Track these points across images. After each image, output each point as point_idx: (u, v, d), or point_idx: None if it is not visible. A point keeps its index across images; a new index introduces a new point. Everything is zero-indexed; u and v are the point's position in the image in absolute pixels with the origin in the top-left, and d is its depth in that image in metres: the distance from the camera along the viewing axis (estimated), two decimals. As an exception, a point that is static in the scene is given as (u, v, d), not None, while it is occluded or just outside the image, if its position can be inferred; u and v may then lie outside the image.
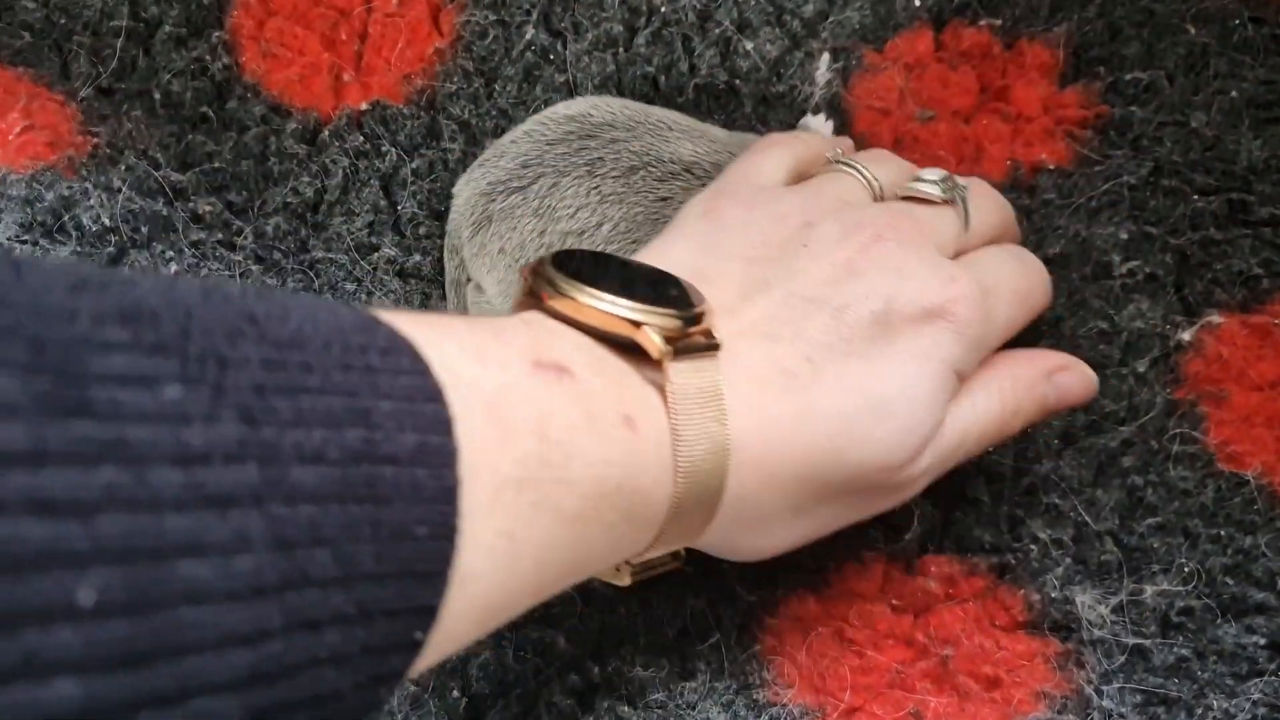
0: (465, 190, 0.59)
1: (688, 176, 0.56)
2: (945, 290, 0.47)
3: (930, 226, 0.50)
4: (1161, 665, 0.53)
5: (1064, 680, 0.52)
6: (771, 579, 0.55)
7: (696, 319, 0.41)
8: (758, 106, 0.69)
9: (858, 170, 0.53)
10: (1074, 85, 0.68)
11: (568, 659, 0.55)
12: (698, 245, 0.47)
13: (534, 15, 0.71)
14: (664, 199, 0.55)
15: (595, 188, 0.55)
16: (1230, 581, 0.55)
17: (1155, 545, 0.56)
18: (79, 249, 0.58)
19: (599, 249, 0.55)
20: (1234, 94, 0.67)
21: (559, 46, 0.70)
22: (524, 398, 0.35)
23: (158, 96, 0.66)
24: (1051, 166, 0.66)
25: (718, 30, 0.70)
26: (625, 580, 0.46)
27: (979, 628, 0.54)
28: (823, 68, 0.70)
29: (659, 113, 0.60)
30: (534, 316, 0.40)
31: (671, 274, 0.44)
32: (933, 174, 0.53)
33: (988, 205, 0.56)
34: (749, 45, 0.70)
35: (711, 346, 0.41)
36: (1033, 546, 0.56)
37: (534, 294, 0.41)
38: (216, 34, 0.69)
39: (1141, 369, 0.60)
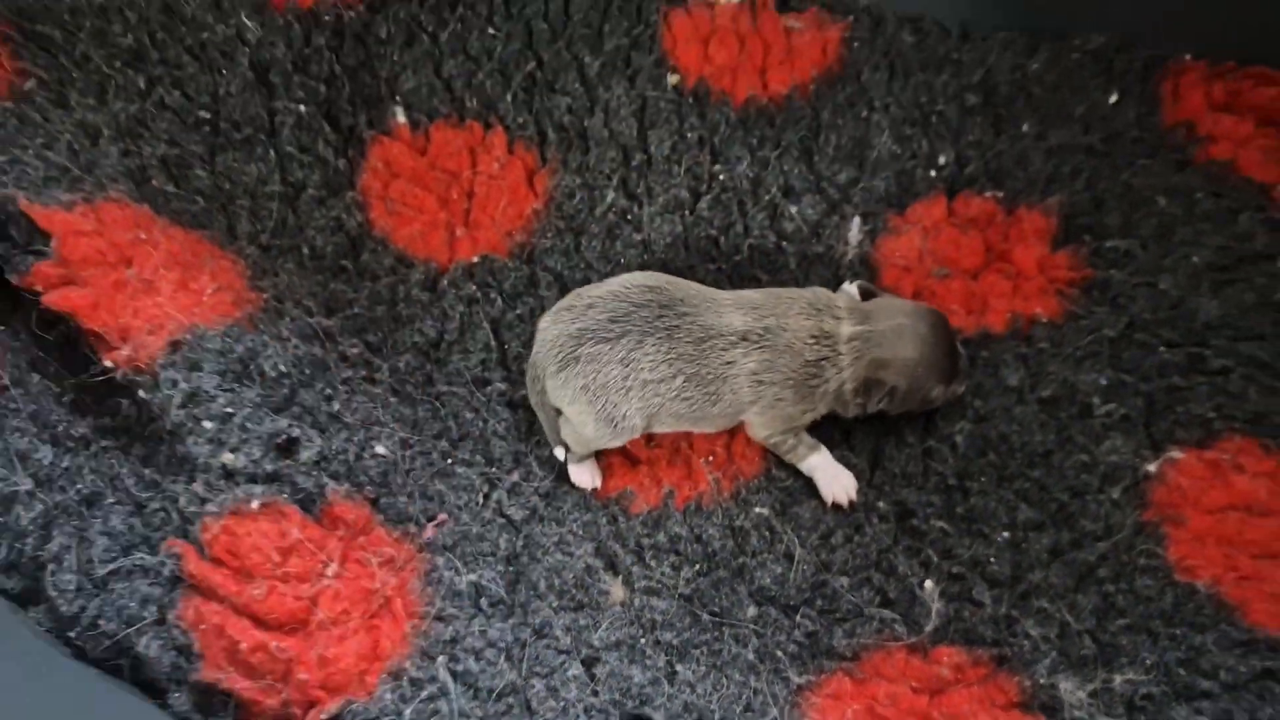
0: (553, 328, 0.72)
1: (745, 344, 0.70)
2: None
3: None
4: (1128, 742, 0.66)
5: (1050, 753, 0.66)
6: (817, 665, 0.69)
7: None
8: (801, 263, 0.82)
9: None
10: (1065, 248, 0.82)
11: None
12: None
13: (614, 180, 0.85)
14: (729, 363, 0.69)
15: (673, 349, 0.69)
16: (1183, 672, 0.68)
17: (1124, 642, 0.69)
18: (262, 391, 0.71)
19: (670, 398, 0.69)
20: (1195, 259, 0.81)
21: (635, 208, 0.84)
22: None
23: (305, 251, 0.80)
24: (1045, 320, 0.80)
25: (767, 196, 0.85)
26: None
27: (982, 707, 0.68)
28: (855, 229, 0.84)
29: (710, 291, 0.73)
30: None
31: None
32: None
33: None
34: (793, 209, 0.84)
35: None
36: (1025, 641, 0.69)
37: None
38: (350, 194, 0.83)
39: (1115, 495, 0.73)
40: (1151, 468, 0.74)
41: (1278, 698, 0.67)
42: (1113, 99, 0.87)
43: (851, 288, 0.76)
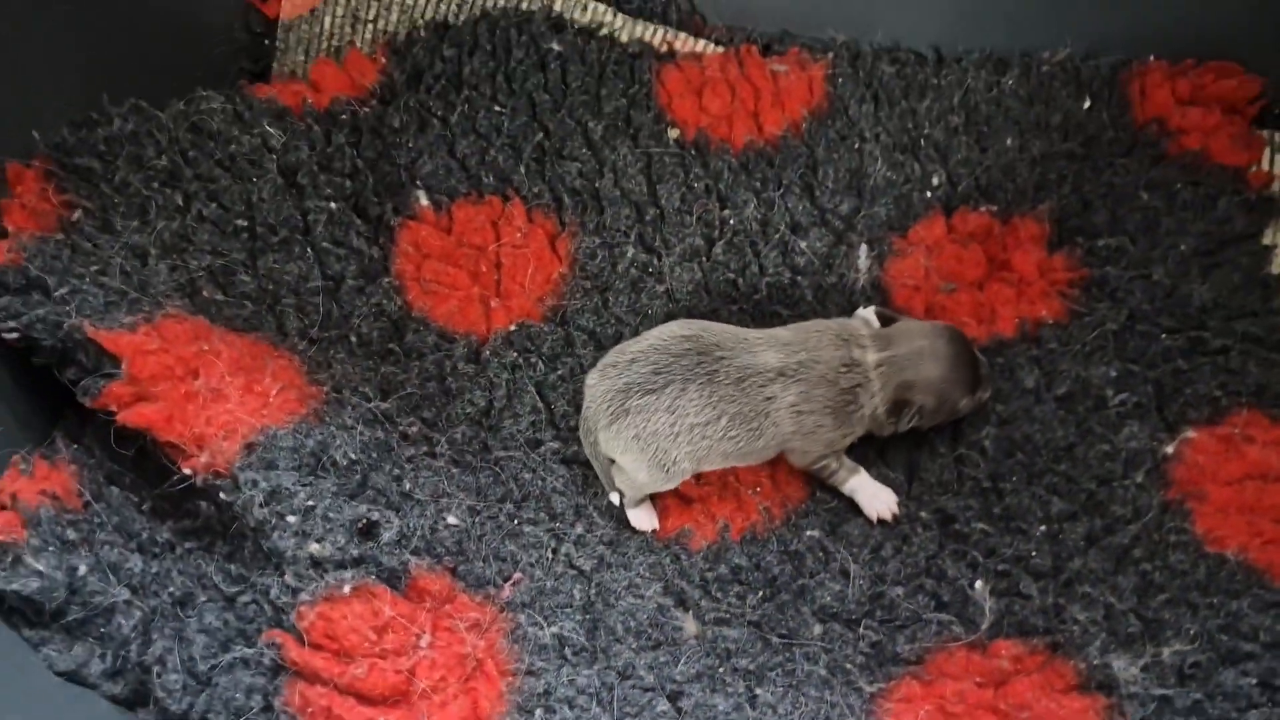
0: (601, 385, 0.76)
1: (782, 379, 0.75)
2: None
3: None
4: (1182, 708, 0.71)
5: (1112, 728, 0.71)
6: (885, 673, 0.73)
7: None
8: (817, 294, 0.88)
9: None
10: (1060, 251, 0.88)
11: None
12: None
13: (631, 236, 0.90)
14: (769, 399, 0.74)
15: (714, 392, 0.74)
16: (1225, 638, 0.73)
17: (1166, 616, 0.74)
18: (337, 481, 0.75)
19: (718, 439, 0.74)
20: (1183, 247, 0.86)
21: (655, 261, 0.89)
22: None
23: (353, 339, 0.85)
24: (1051, 321, 0.85)
25: (776, 235, 0.90)
26: None
27: (1044, 693, 0.72)
28: (863, 256, 0.89)
29: (741, 331, 0.78)
30: None
31: None
32: None
33: None
34: (803, 244, 0.89)
35: None
36: (1075, 626, 0.74)
37: None
38: (386, 280, 0.88)
39: (1139, 479, 0.78)
40: (1169, 449, 0.79)
41: (1315, 651, 0.72)
42: (1086, 105, 0.93)
43: (867, 313, 0.81)
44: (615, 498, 0.79)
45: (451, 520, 0.77)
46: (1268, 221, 0.88)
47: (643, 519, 0.79)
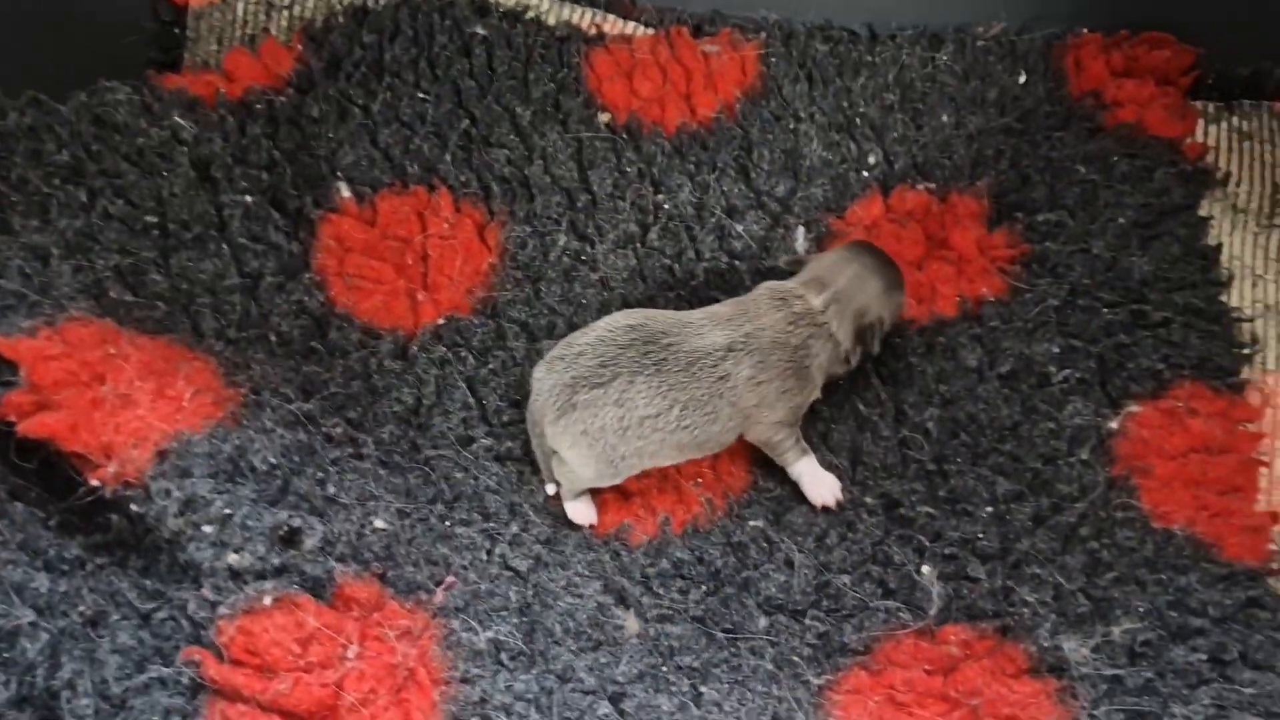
0: (548, 379, 0.73)
1: (733, 355, 0.72)
2: None
3: None
4: (1134, 687, 0.70)
5: (1065, 711, 0.69)
6: (833, 664, 0.71)
7: None
8: (754, 279, 0.85)
9: None
10: (999, 228, 0.86)
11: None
12: None
13: (562, 224, 0.87)
14: (722, 378, 0.72)
15: (663, 381, 0.71)
16: (1174, 614, 0.72)
17: (1115, 594, 0.73)
18: (256, 487, 0.72)
19: (670, 430, 0.72)
20: (1121, 220, 0.85)
21: (588, 249, 0.87)
22: None
23: (273, 339, 0.81)
24: (992, 299, 0.84)
25: (712, 219, 0.87)
26: None
27: (995, 678, 0.71)
28: (800, 239, 0.87)
29: (683, 315, 0.75)
30: None
31: None
32: None
33: None
34: (739, 228, 0.87)
35: None
36: (1025, 609, 0.73)
37: None
38: (307, 276, 0.84)
39: (1085, 456, 0.77)
40: (1113, 424, 0.78)
41: (1264, 624, 0.71)
42: (1021, 79, 0.92)
43: (799, 232, 0.82)
44: (552, 489, 0.76)
45: (379, 524, 0.74)
46: (1204, 192, 0.87)
47: (581, 513, 0.76)
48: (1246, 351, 0.81)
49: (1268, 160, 0.89)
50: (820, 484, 0.77)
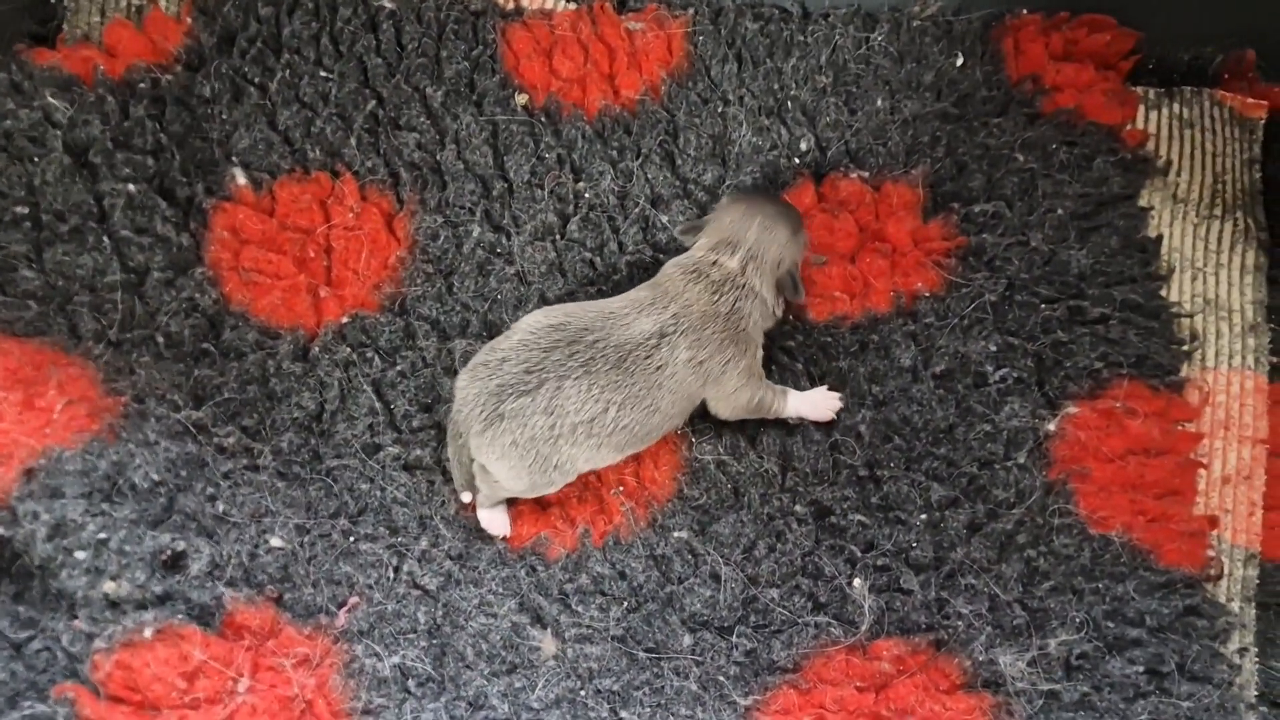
0: (472, 386, 0.68)
1: (666, 340, 0.68)
2: None
3: None
4: (1070, 702, 0.68)
5: (999, 729, 0.67)
6: (761, 683, 0.68)
7: None
8: (681, 272, 0.81)
9: None
10: (935, 218, 0.82)
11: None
12: None
13: (476, 214, 0.82)
14: (659, 367, 0.68)
15: (594, 383, 0.66)
16: (1111, 624, 0.70)
17: (1052, 605, 0.70)
18: (136, 507, 0.66)
19: (608, 433, 0.67)
20: (1060, 211, 0.82)
21: (504, 240, 0.81)
22: None
23: (161, 340, 0.75)
24: (927, 294, 0.80)
25: (635, 209, 0.82)
26: None
27: (928, 695, 0.68)
28: (729, 230, 0.82)
29: (605, 304, 0.71)
30: None
31: None
32: None
33: None
34: (664, 218, 0.82)
35: None
36: (959, 621, 0.70)
37: None
38: (199, 271, 0.77)
39: (1021, 459, 0.74)
40: (1051, 426, 0.75)
41: (1201, 633, 0.69)
42: (958, 62, 0.88)
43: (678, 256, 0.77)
44: (467, 497, 0.71)
45: (275, 542, 0.69)
46: (1143, 182, 0.84)
47: (496, 523, 0.72)
48: (1186, 348, 0.79)
49: (1209, 149, 0.87)
50: (817, 407, 0.75)
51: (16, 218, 0.75)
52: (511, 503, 0.73)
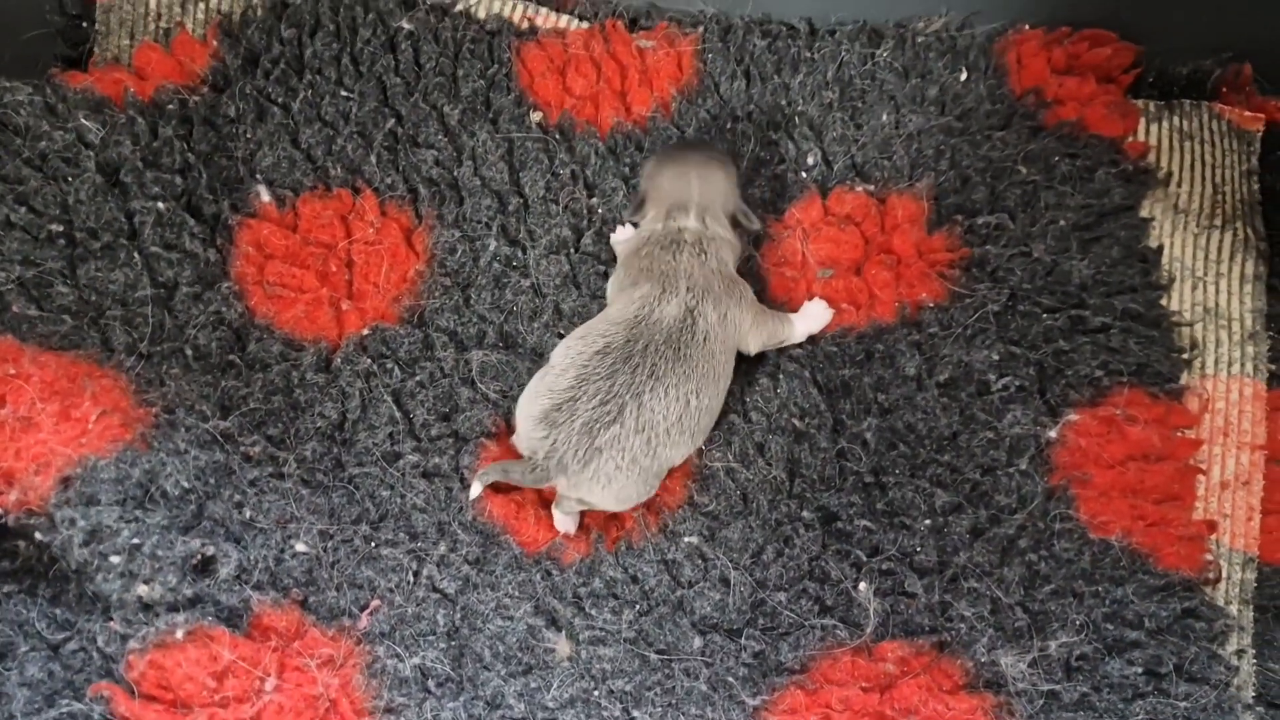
0: (554, 434, 0.68)
1: (694, 315, 0.72)
2: None
3: None
4: (1070, 702, 0.69)
5: (1001, 728, 0.68)
6: (769, 684, 0.70)
7: None
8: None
9: None
10: (939, 230, 0.84)
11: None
12: None
13: (493, 228, 0.84)
14: (705, 339, 0.72)
15: (668, 385, 0.69)
16: (1110, 627, 0.71)
17: (1052, 608, 0.72)
18: (167, 514, 0.69)
19: (695, 421, 0.71)
20: (1062, 222, 0.84)
21: (519, 254, 0.84)
22: None
23: (189, 352, 0.77)
24: (931, 304, 0.82)
25: (647, 222, 0.85)
26: None
27: (931, 695, 0.70)
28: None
29: (620, 311, 0.73)
30: None
31: None
32: None
33: None
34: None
35: None
36: (961, 624, 0.72)
37: None
38: (225, 285, 0.80)
39: (1023, 465, 0.76)
40: (1052, 433, 0.77)
41: (1199, 635, 0.71)
42: (962, 76, 0.90)
43: (624, 230, 0.83)
44: (477, 488, 0.72)
45: (300, 547, 0.71)
46: (1145, 193, 0.86)
47: (567, 523, 0.74)
48: (1185, 356, 0.80)
49: (1208, 160, 0.88)
50: (816, 319, 0.80)
51: (52, 235, 0.77)
52: (528, 508, 0.75)
